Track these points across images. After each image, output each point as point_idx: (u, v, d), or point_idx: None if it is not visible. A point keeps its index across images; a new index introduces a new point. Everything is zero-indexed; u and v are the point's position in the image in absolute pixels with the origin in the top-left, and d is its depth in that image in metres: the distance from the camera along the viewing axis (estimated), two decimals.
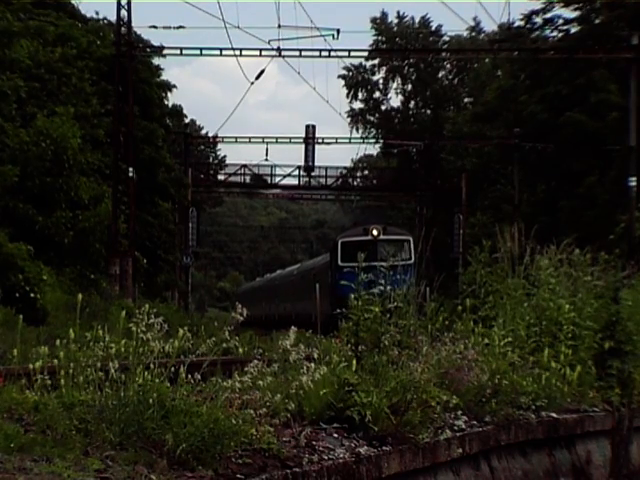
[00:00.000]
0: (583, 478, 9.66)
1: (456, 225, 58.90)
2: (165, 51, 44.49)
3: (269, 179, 64.54)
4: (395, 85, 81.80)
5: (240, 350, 6.60)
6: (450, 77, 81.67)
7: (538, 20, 54.46)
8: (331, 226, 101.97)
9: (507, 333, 9.55)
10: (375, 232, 38.63)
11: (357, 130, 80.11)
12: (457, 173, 61.29)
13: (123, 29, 38.00)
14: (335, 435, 6.51)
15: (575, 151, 48.68)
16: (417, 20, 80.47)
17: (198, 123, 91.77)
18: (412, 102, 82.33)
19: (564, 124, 48.87)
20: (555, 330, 10.38)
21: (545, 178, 55.03)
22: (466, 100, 77.92)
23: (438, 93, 79.56)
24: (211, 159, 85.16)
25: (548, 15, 53.77)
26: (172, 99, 56.96)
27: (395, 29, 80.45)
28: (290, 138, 58.66)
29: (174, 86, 55.30)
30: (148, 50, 46.79)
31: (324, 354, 7.39)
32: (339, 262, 38.23)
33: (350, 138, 69.22)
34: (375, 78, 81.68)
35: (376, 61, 79.27)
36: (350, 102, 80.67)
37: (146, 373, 5.74)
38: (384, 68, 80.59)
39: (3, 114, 33.88)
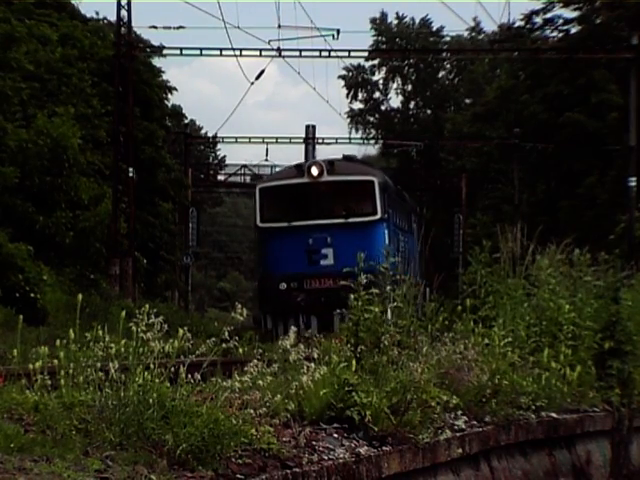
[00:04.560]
0: (583, 478, 9.66)
1: (456, 225, 58.87)
2: (165, 51, 44.44)
3: None
4: (395, 85, 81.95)
5: (240, 350, 6.59)
6: (450, 77, 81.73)
7: (538, 20, 54.64)
8: None
9: (507, 333, 9.54)
10: (315, 171, 25.04)
11: (357, 130, 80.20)
12: (457, 173, 61.33)
13: (123, 29, 37.96)
14: (335, 435, 6.51)
15: (575, 151, 48.73)
16: (417, 21, 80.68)
17: (198, 123, 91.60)
18: (412, 102, 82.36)
19: (564, 124, 48.93)
20: (555, 330, 10.38)
21: (545, 178, 55.10)
22: (467, 100, 77.98)
23: (438, 93, 79.60)
24: (211, 159, 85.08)
25: (548, 15, 53.95)
26: (172, 99, 56.88)
27: (395, 29, 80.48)
28: (290, 138, 58.53)
29: (175, 88, 55.31)
30: (148, 50, 46.77)
31: (324, 354, 7.39)
32: (258, 222, 26.20)
33: (350, 138, 69.22)
34: (375, 78, 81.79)
35: (376, 61, 79.24)
36: (350, 102, 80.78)
37: (146, 373, 5.73)
38: (384, 68, 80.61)
39: (4, 115, 33.82)
